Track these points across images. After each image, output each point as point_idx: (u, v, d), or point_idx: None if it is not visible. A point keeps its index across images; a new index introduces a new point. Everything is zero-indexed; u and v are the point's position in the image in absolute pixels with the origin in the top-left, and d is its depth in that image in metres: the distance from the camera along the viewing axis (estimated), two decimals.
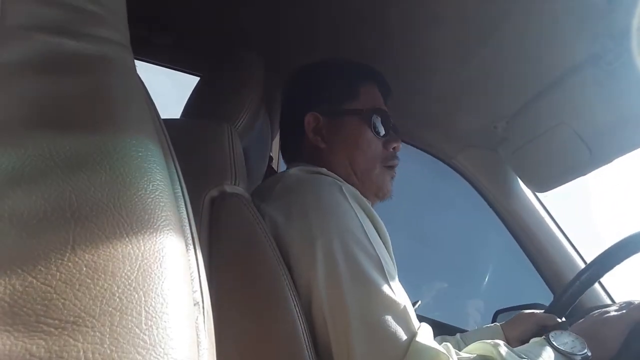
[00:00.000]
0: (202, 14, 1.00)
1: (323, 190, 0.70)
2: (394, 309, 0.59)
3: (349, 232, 0.64)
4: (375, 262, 0.63)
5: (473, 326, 1.54)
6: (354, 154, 0.86)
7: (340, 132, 0.87)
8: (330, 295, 0.59)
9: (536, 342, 0.68)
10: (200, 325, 0.29)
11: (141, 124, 0.33)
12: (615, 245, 0.89)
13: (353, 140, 0.86)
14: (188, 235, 0.32)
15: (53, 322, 0.21)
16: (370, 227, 0.68)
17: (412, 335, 0.59)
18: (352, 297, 0.58)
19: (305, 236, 0.64)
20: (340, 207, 0.68)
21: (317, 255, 0.61)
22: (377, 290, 0.59)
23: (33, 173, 0.25)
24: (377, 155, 0.87)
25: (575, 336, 0.67)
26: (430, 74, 1.09)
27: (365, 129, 0.87)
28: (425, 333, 0.60)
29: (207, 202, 0.58)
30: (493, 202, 1.37)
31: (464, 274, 1.83)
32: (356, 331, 0.56)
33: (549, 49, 0.95)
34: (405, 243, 0.82)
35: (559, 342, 0.66)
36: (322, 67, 0.93)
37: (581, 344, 0.66)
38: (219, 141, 0.66)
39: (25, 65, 0.28)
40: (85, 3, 0.32)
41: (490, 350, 0.61)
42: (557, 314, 0.90)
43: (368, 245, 0.64)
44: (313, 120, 0.88)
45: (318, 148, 0.87)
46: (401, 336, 0.57)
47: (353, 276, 0.60)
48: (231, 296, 0.54)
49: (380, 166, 0.87)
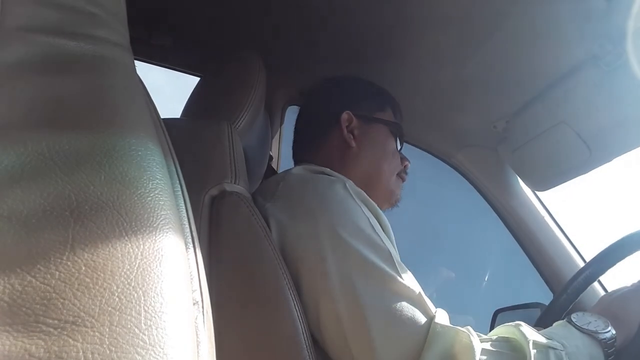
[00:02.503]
0: (202, 14, 1.00)
1: (327, 188, 0.70)
2: (409, 295, 0.59)
3: (355, 226, 0.64)
4: (385, 254, 0.63)
5: (472, 325, 1.54)
6: (380, 159, 0.91)
7: (371, 137, 0.92)
8: (343, 292, 0.59)
9: (559, 324, 0.68)
10: (199, 325, 0.29)
11: (141, 123, 0.33)
12: (615, 244, 0.89)
13: (381, 147, 0.92)
14: (188, 234, 0.32)
15: (52, 321, 0.21)
16: (376, 223, 0.68)
17: (430, 318, 0.59)
18: (366, 290, 0.58)
19: (312, 235, 0.63)
20: (345, 203, 0.68)
21: (326, 253, 0.61)
22: (390, 280, 0.60)
23: (32, 172, 0.25)
24: (397, 165, 0.94)
25: (597, 316, 0.66)
26: (429, 73, 1.09)
27: (392, 140, 0.94)
28: (442, 316, 0.60)
29: (207, 200, 0.58)
30: (493, 201, 1.37)
31: (463, 273, 1.83)
32: (373, 322, 0.56)
33: (548, 49, 0.96)
34: (405, 243, 0.82)
35: (582, 322, 0.65)
36: (354, 79, 0.99)
37: (604, 322, 0.65)
38: (219, 140, 0.66)
39: (25, 65, 0.28)
40: (85, 4, 0.32)
41: (513, 332, 0.61)
42: (556, 313, 0.90)
43: (376, 238, 0.64)
44: (348, 119, 0.91)
45: (346, 146, 0.90)
46: (420, 320, 0.57)
47: (364, 271, 0.60)
48: (231, 295, 0.54)
49: (397, 175, 0.94)
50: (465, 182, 1.41)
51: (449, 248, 1.83)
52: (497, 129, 1.23)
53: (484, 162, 1.36)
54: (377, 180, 0.90)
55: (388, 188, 0.92)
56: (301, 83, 1.20)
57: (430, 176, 1.52)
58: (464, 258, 1.81)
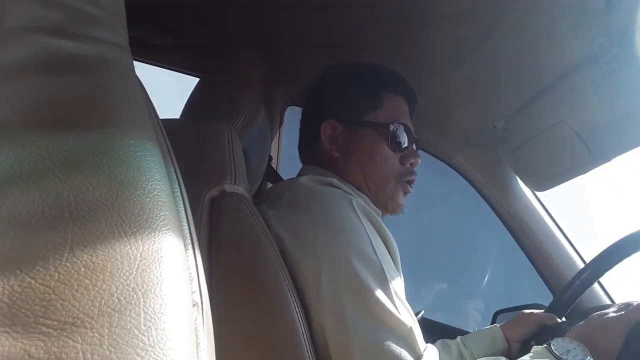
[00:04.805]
0: (201, 14, 1.00)
1: (332, 205, 0.69)
2: (399, 330, 0.58)
3: (356, 248, 0.63)
4: (382, 280, 0.61)
5: (473, 327, 1.54)
6: (369, 168, 0.84)
7: (357, 144, 0.85)
8: (333, 316, 0.58)
9: (537, 352, 0.67)
10: (199, 326, 0.29)
11: (140, 124, 0.33)
12: (615, 245, 0.89)
13: (369, 154, 0.84)
14: (187, 235, 0.32)
15: (52, 323, 0.21)
16: (379, 243, 0.67)
17: (417, 357, 0.57)
18: (355, 320, 0.57)
19: (311, 255, 0.63)
20: (349, 222, 0.66)
21: (322, 275, 0.60)
22: (382, 311, 0.58)
23: (31, 173, 0.25)
24: (392, 170, 0.85)
25: (577, 343, 0.66)
26: (429, 73, 1.09)
27: (383, 144, 0.84)
28: (430, 355, 0.59)
29: (206, 201, 0.58)
30: (492, 201, 1.37)
31: (463, 274, 1.83)
32: (358, 353, 0.55)
33: (547, 49, 0.96)
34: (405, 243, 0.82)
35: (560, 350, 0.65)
36: (347, 72, 0.90)
37: (583, 351, 0.65)
38: (218, 141, 0.66)
39: (23, 66, 0.28)
40: (84, 4, 0.32)
41: None
42: (556, 314, 0.90)
43: (376, 262, 0.62)
44: (330, 129, 0.86)
45: (332, 156, 0.86)
46: (405, 359, 0.56)
47: (357, 297, 0.58)
48: (230, 296, 0.54)
49: (395, 181, 0.86)
50: (465, 181, 1.41)
51: (448, 249, 1.83)
52: (496, 129, 1.23)
53: (483, 162, 1.36)
54: (369, 189, 0.84)
55: (383, 194, 0.85)
56: (301, 83, 1.20)
57: (430, 176, 1.52)
58: (463, 259, 1.81)
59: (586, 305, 1.01)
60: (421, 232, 1.78)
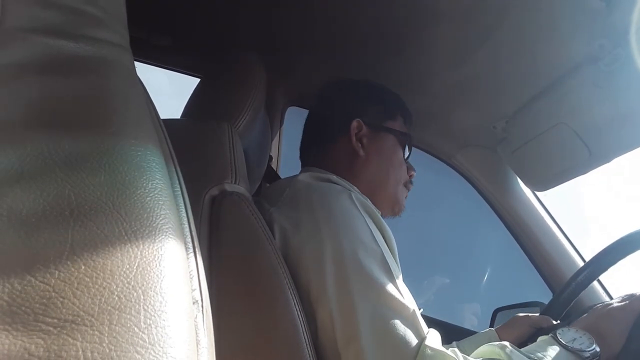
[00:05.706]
0: (202, 15, 1.00)
1: (332, 198, 0.71)
2: (403, 313, 0.59)
3: (358, 238, 0.65)
4: (384, 267, 0.63)
5: (472, 324, 1.54)
6: (387, 169, 0.92)
7: (379, 146, 0.92)
8: (340, 301, 0.59)
9: (544, 341, 0.68)
10: (199, 324, 0.29)
11: (140, 124, 0.33)
12: (614, 244, 0.89)
13: (389, 156, 0.92)
14: (187, 233, 0.32)
15: (52, 321, 0.21)
16: (378, 235, 0.69)
17: (421, 339, 0.59)
18: (362, 303, 0.59)
19: (314, 244, 0.64)
20: (349, 214, 0.68)
21: (326, 263, 0.62)
22: (386, 295, 0.60)
23: (32, 172, 0.25)
24: (403, 174, 0.95)
25: (582, 332, 0.67)
26: (429, 73, 1.10)
27: (399, 150, 0.94)
28: (433, 337, 0.60)
29: (207, 200, 0.58)
30: (492, 201, 1.37)
31: (463, 273, 1.83)
32: (366, 336, 0.57)
33: (547, 49, 0.96)
34: (405, 242, 0.83)
35: (566, 339, 0.66)
36: (368, 84, 0.98)
37: (589, 339, 0.66)
38: (219, 140, 0.66)
39: (24, 66, 0.28)
40: (84, 5, 0.32)
41: (498, 353, 0.62)
42: (556, 312, 0.90)
43: (377, 251, 0.64)
44: (357, 127, 0.91)
45: (354, 154, 0.90)
46: (410, 340, 0.57)
47: (362, 282, 0.60)
48: (231, 294, 0.54)
49: (403, 184, 0.95)
50: (465, 181, 1.41)
51: (448, 248, 1.83)
52: (496, 129, 1.23)
53: (483, 162, 1.36)
54: (383, 189, 0.90)
55: (393, 197, 0.92)
56: (301, 84, 1.20)
57: (430, 176, 1.52)
58: (464, 257, 1.81)
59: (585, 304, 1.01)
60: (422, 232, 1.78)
